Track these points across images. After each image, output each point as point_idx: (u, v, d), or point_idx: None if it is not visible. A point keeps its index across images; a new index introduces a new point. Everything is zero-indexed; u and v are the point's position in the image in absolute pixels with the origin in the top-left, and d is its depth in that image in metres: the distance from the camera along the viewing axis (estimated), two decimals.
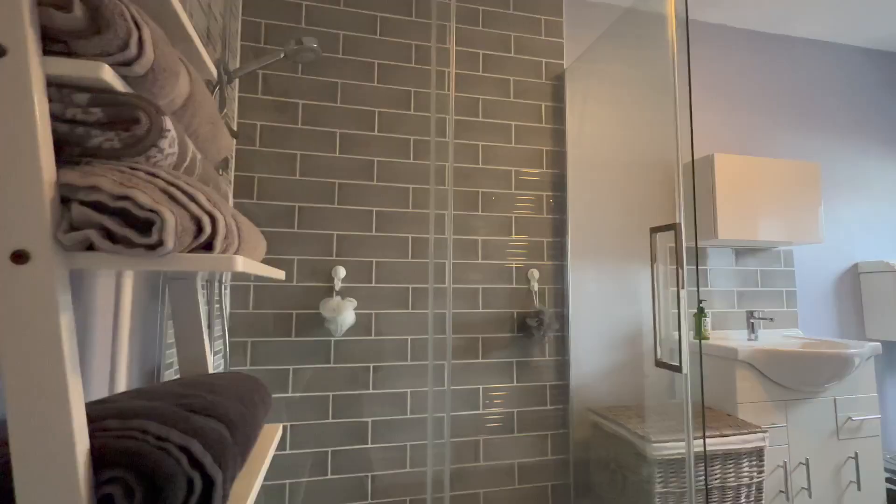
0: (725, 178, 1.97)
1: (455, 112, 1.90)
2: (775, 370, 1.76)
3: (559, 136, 2.01)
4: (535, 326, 1.81)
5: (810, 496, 1.77)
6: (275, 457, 1.63)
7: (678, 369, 1.17)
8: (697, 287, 2.02)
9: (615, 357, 1.97)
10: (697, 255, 2.11)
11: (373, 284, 1.77)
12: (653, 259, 1.30)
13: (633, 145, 1.98)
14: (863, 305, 2.38)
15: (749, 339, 2.11)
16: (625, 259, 1.99)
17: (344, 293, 1.73)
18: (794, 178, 2.08)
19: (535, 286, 1.91)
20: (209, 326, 1.23)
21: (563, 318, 1.93)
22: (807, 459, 1.78)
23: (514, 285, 1.91)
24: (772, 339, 2.13)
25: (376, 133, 1.83)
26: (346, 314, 1.62)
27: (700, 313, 2.04)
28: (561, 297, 1.94)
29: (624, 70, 1.96)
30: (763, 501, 1.60)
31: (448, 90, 1.83)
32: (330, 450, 1.68)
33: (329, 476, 1.67)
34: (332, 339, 1.72)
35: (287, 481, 1.63)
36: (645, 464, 1.48)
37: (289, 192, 1.73)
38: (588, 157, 1.99)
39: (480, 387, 1.83)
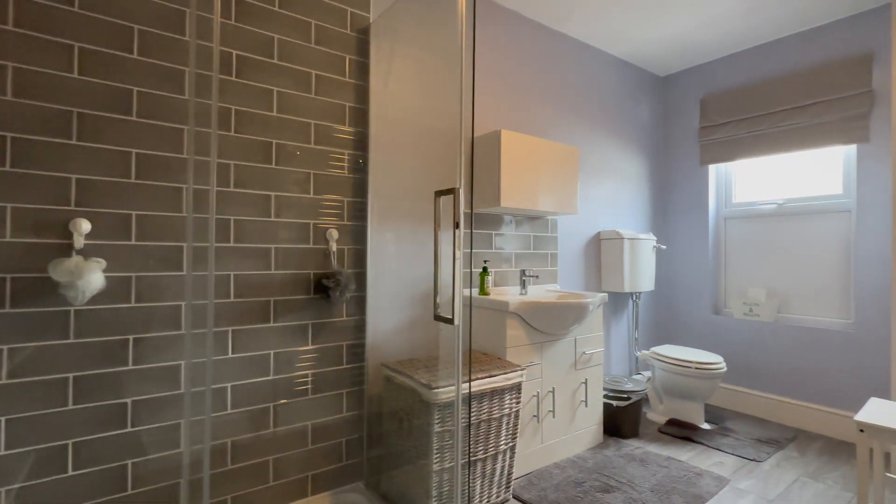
0: (509, 153, 2.22)
1: (243, 48, 1.67)
2: (536, 318, 2.10)
3: (363, 92, 1.96)
4: (333, 287, 1.78)
5: (554, 416, 2.21)
6: None
7: (451, 321, 1.29)
8: (471, 248, 2.26)
9: (410, 314, 2.08)
10: (472, 219, 2.35)
11: (133, 242, 1.48)
12: (436, 221, 1.39)
13: (430, 111, 2.06)
14: (601, 265, 3.03)
15: (521, 294, 2.48)
16: (422, 221, 2.09)
17: (89, 252, 1.41)
18: (561, 159, 2.46)
19: (335, 246, 1.87)
20: None
21: (361, 279, 1.95)
22: (553, 388, 2.20)
23: (311, 245, 1.83)
24: (537, 292, 2.55)
25: (136, 56, 1.49)
26: (89, 277, 1.31)
27: (484, 272, 2.29)
28: (361, 258, 1.95)
29: (425, 35, 2.00)
30: (519, 426, 1.93)
31: (213, 14, 1.59)
32: (71, 441, 1.38)
33: (70, 473, 1.38)
34: (72, 308, 1.39)
35: None
36: (426, 409, 1.63)
37: None
38: (391, 117, 2.00)
39: (272, 352, 1.73)
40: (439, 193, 1.37)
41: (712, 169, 3.24)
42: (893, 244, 2.08)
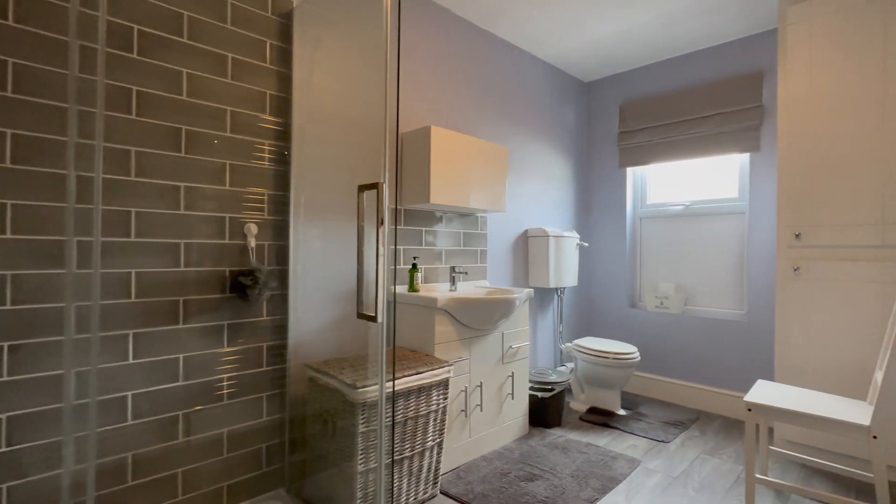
0: (439, 150, 2.22)
1: (146, 23, 1.52)
2: (464, 314, 2.13)
3: (286, 81, 1.86)
4: (251, 285, 1.68)
5: (482, 410, 2.25)
6: None
7: (374, 319, 1.26)
8: (395, 244, 2.24)
9: (337, 312, 2.02)
10: (402, 215, 2.34)
11: (8, 235, 1.29)
12: (360, 216, 1.35)
13: (358, 103, 2.00)
14: (528, 261, 3.13)
15: (450, 290, 2.49)
16: (349, 216, 2.03)
17: None
18: (490, 157, 2.51)
19: (253, 242, 1.76)
20: None
21: (283, 276, 1.85)
22: (481, 382, 2.24)
23: (227, 241, 1.71)
24: (467, 289, 2.58)
25: (12, 23, 1.30)
26: None
27: (414, 269, 2.28)
28: (283, 254, 1.86)
29: (352, 25, 1.94)
30: (447, 422, 1.94)
31: None
32: None
33: None
34: None
35: None
36: (351, 409, 1.58)
37: None
38: (316, 108, 1.92)
39: (181, 356, 1.60)
40: (363, 188, 1.33)
41: (630, 172, 3.46)
42: (777, 243, 2.34)
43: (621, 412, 2.85)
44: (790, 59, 2.31)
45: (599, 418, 2.75)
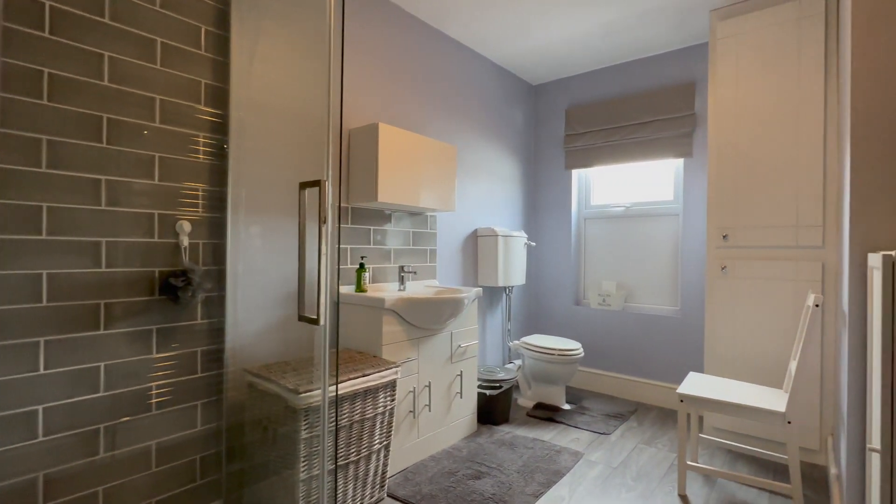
0: (387, 147, 2.18)
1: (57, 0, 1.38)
2: (412, 314, 2.11)
3: (223, 70, 1.76)
4: (183, 287, 1.58)
5: (430, 410, 2.25)
6: None
7: (316, 322, 1.22)
8: (339, 243, 2.19)
9: (279, 314, 1.94)
10: (349, 213, 2.29)
11: None
12: (301, 214, 1.29)
13: (302, 97, 1.93)
14: (478, 260, 3.16)
15: (399, 290, 2.46)
16: (294, 214, 1.96)
17: None
18: (439, 156, 2.50)
19: (186, 241, 1.65)
20: None
21: (220, 277, 1.75)
22: (430, 382, 2.23)
23: (157, 239, 1.59)
24: (416, 288, 2.56)
25: None
26: None
27: (361, 269, 2.23)
28: (220, 254, 1.75)
29: (296, 15, 1.86)
30: (394, 424, 1.92)
31: None
32: None
33: None
34: None
35: None
36: (293, 415, 1.52)
37: None
38: (257, 101, 1.83)
39: (102, 364, 1.47)
40: (305, 185, 1.28)
41: (575, 174, 3.57)
42: (707, 243, 2.50)
43: (566, 407, 2.94)
44: (719, 71, 2.47)
45: (545, 413, 2.82)
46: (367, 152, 2.18)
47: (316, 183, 1.22)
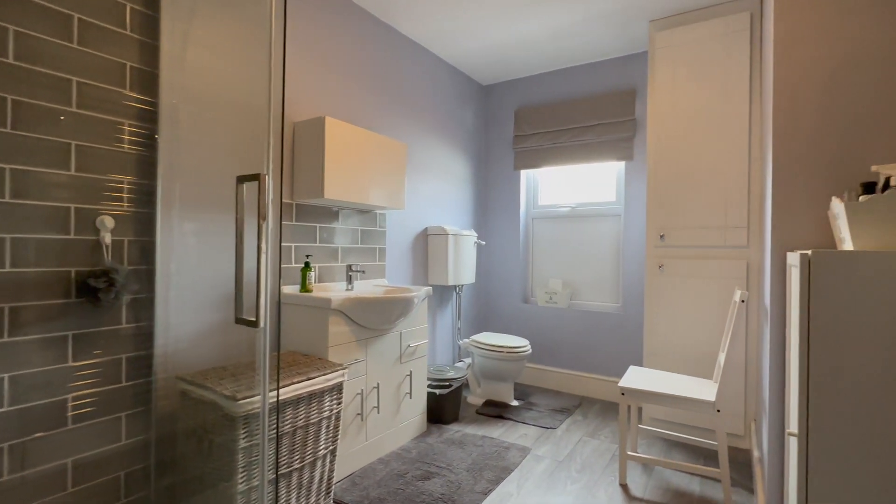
0: (334, 142, 2.11)
1: None
2: (360, 314, 2.05)
3: (152, 53, 1.62)
4: (104, 288, 1.44)
5: (379, 412, 2.20)
6: None
7: (255, 324, 1.15)
8: (280, 241, 2.11)
9: (217, 316, 1.82)
10: (293, 210, 2.20)
11: None
12: (239, 210, 1.22)
13: (242, 86, 1.83)
14: (428, 259, 3.14)
15: (347, 290, 2.40)
16: (233, 210, 1.84)
17: None
18: (389, 153, 2.45)
19: (108, 238, 1.51)
20: None
21: (149, 277, 1.62)
22: (378, 384, 2.19)
23: (73, 236, 1.44)
24: (364, 288, 2.51)
25: None
26: None
27: (306, 268, 2.15)
28: (148, 253, 1.62)
29: None
30: (341, 428, 1.86)
31: None
32: None
33: None
34: None
35: None
36: (231, 423, 1.43)
37: None
38: (191, 88, 1.71)
39: (6, 375, 1.31)
40: (243, 179, 1.20)
41: (523, 174, 3.64)
42: (646, 243, 2.62)
43: (514, 403, 2.98)
44: (657, 79, 2.60)
45: (494, 410, 2.85)
46: (313, 147, 2.10)
47: (255, 177, 1.15)
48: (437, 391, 2.61)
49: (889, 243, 1.10)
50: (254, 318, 1.15)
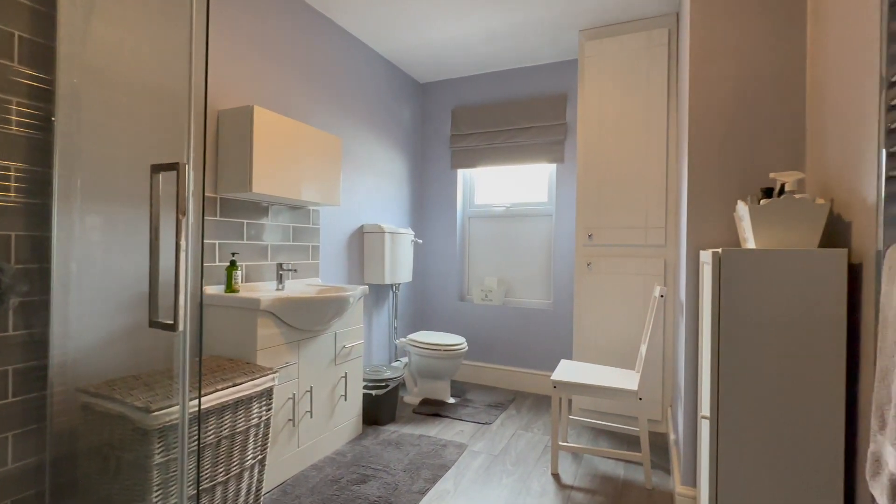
0: (263, 133, 1.99)
1: None
2: (292, 315, 1.96)
3: (47, 23, 1.43)
4: None
5: (312, 416, 2.11)
6: None
7: (173, 327, 1.05)
8: (202, 237, 1.97)
9: (128, 320, 1.65)
10: (205, 203, 2.05)
11: None
12: (153, 203, 1.10)
13: (158, 67, 1.67)
14: (364, 257, 3.07)
15: (277, 290, 2.28)
16: (146, 202, 1.68)
17: None
18: (323, 147, 2.36)
19: None
20: None
21: (44, 277, 1.43)
22: (311, 387, 2.10)
23: None
24: (296, 287, 2.40)
25: None
26: None
27: (232, 266, 2.01)
28: (42, 249, 1.43)
29: None
30: (271, 435, 1.76)
31: None
32: None
33: None
34: None
35: None
36: (143, 438, 1.30)
37: None
38: (97, 66, 1.53)
39: None
40: (158, 168, 1.09)
41: (460, 173, 3.68)
42: (576, 242, 2.75)
43: (451, 401, 3.00)
44: (586, 86, 2.73)
45: (431, 409, 2.85)
46: (240, 137, 1.97)
47: (173, 166, 1.05)
48: (374, 392, 2.56)
49: (784, 242, 1.23)
50: (171, 321, 1.05)
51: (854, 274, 1.12)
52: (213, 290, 2.01)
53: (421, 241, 3.59)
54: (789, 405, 1.14)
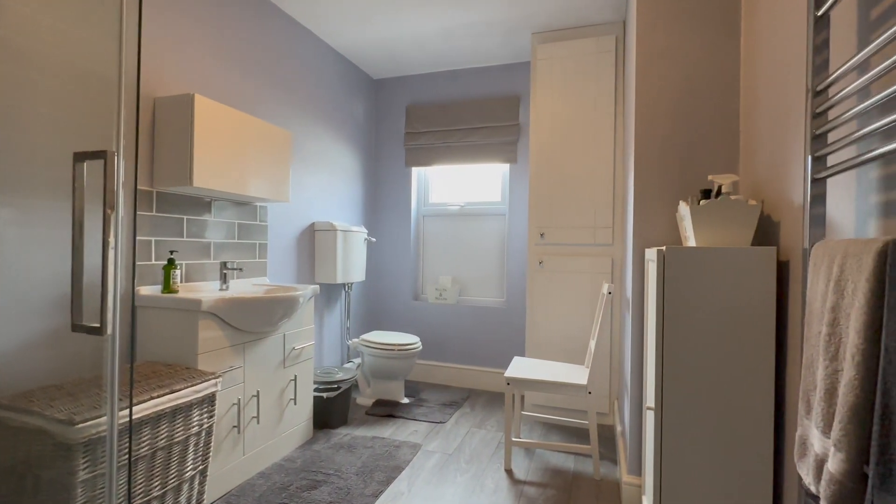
0: (205, 123, 1.88)
1: None
2: (237, 317, 1.86)
3: None
4: None
5: (259, 422, 2.02)
6: None
7: (100, 331, 0.95)
8: (135, 233, 1.83)
9: (47, 324, 1.50)
10: (137, 196, 1.91)
11: None
12: (76, 195, 1.00)
13: (84, 49, 1.53)
14: (315, 256, 2.98)
15: (221, 290, 2.16)
16: (68, 195, 1.53)
17: None
18: (271, 141, 2.26)
19: None
20: None
21: None
22: (258, 391, 2.00)
23: None
24: (242, 287, 2.28)
25: None
26: None
27: (170, 265, 1.88)
28: None
29: None
30: (213, 444, 1.66)
31: None
32: None
33: None
34: None
35: None
36: (65, 453, 1.18)
37: None
38: (12, 43, 1.37)
39: None
40: (82, 157, 0.99)
41: (415, 171, 3.65)
42: (528, 241, 2.80)
43: (405, 401, 2.97)
44: (538, 88, 2.79)
45: (385, 410, 2.81)
46: (179, 127, 1.85)
47: (100, 154, 0.96)
48: (325, 394, 2.48)
49: (722, 240, 1.31)
50: (98, 324, 0.95)
51: (782, 270, 1.20)
52: (149, 290, 1.88)
53: (374, 239, 3.54)
54: (726, 394, 1.20)
